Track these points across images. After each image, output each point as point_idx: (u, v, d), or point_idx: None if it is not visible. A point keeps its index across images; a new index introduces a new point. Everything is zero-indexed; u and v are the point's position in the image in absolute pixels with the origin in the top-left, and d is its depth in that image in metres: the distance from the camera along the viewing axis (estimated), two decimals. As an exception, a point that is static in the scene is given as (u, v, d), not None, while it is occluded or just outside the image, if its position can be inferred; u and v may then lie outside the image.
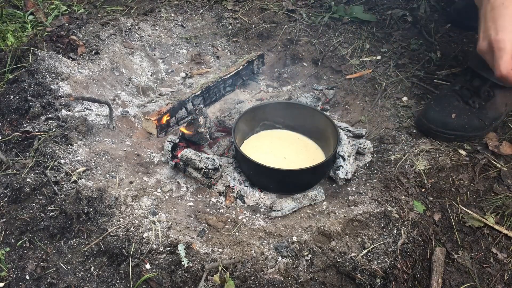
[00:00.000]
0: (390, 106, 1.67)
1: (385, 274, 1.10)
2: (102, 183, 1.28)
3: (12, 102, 1.48)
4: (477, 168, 1.39)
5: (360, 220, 1.22)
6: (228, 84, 1.80)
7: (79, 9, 2.14)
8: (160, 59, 1.99)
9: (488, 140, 1.48)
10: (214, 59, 2.06)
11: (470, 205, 1.31)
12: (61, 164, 1.29)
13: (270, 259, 1.10)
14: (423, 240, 1.21)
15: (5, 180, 1.26)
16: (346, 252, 1.12)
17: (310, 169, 1.31)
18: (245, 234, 1.21)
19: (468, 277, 1.17)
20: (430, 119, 1.48)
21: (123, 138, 1.52)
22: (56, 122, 1.43)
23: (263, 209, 1.34)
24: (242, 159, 1.37)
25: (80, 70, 1.69)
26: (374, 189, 1.34)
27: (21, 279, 1.10)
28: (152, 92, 1.83)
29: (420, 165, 1.39)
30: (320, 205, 1.33)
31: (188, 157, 1.36)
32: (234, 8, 2.22)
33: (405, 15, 2.05)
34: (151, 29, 2.06)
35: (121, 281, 1.09)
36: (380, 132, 1.57)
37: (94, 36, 1.86)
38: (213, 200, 1.36)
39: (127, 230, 1.15)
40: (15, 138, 1.38)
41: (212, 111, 1.74)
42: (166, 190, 1.35)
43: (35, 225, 1.17)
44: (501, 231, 1.24)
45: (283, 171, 1.35)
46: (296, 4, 2.23)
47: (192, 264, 1.08)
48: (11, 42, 1.83)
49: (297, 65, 1.96)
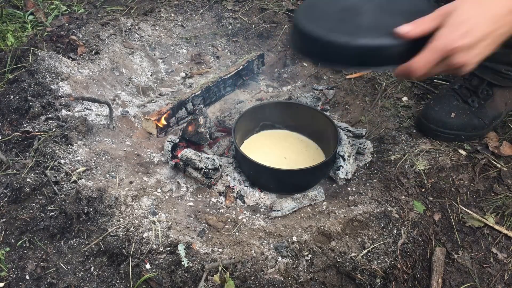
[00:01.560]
0: (390, 106, 1.67)
1: (385, 274, 1.10)
2: (102, 183, 1.28)
3: (12, 102, 1.48)
4: (477, 168, 1.39)
5: (360, 220, 1.22)
6: (228, 84, 1.80)
7: (79, 9, 2.15)
8: (160, 59, 1.99)
9: (488, 140, 1.48)
10: (214, 59, 2.06)
11: (470, 205, 1.31)
12: (61, 164, 1.29)
13: (270, 259, 1.10)
14: (423, 240, 1.21)
15: (5, 180, 1.26)
16: (346, 252, 1.12)
17: (310, 169, 1.31)
18: (245, 234, 1.21)
19: (468, 277, 1.17)
20: (430, 119, 1.48)
21: (123, 138, 1.52)
22: (56, 122, 1.43)
23: (263, 209, 1.34)
24: (242, 159, 1.37)
25: (80, 70, 1.69)
26: (374, 189, 1.34)
27: (21, 279, 1.10)
28: (152, 92, 1.83)
29: (420, 165, 1.39)
30: (320, 205, 1.33)
31: (188, 157, 1.36)
32: (234, 8, 2.22)
33: (405, 15, 2.05)
34: (151, 29, 2.06)
35: (121, 281, 1.09)
36: (380, 132, 1.57)
37: (94, 36, 1.86)
38: (213, 200, 1.36)
39: (127, 230, 1.15)
40: (15, 138, 1.38)
41: (212, 111, 1.74)
42: (166, 190, 1.35)
43: (35, 225, 1.18)
44: (501, 231, 1.24)
45: (283, 171, 1.35)
46: (296, 4, 2.23)
47: (192, 264, 1.08)
48: (11, 42, 1.83)
49: (297, 65, 1.96)
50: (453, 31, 0.85)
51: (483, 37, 0.86)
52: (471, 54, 0.86)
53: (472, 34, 0.85)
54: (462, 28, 0.84)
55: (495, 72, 1.43)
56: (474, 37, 0.85)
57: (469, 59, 0.87)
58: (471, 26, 0.85)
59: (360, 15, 0.96)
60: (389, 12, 0.94)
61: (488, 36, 0.86)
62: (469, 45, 0.85)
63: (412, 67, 0.89)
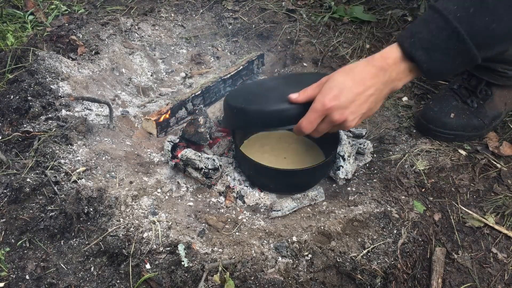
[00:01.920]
0: (390, 106, 1.67)
1: (385, 274, 1.10)
2: (102, 183, 1.28)
3: (12, 102, 1.48)
4: (477, 168, 1.40)
5: (360, 220, 1.22)
6: (228, 84, 1.80)
7: (79, 9, 2.15)
8: (160, 59, 1.99)
9: (488, 140, 1.48)
10: (214, 59, 2.06)
11: (470, 205, 1.31)
12: (61, 164, 1.29)
13: (270, 259, 1.10)
14: (423, 240, 1.21)
15: (5, 180, 1.26)
16: (346, 252, 1.12)
17: (310, 169, 1.31)
18: (245, 234, 1.21)
19: (468, 277, 1.17)
20: (429, 119, 1.48)
21: (123, 138, 1.52)
22: (56, 122, 1.43)
23: (263, 209, 1.34)
24: (242, 159, 1.37)
25: (80, 70, 1.69)
26: (374, 189, 1.34)
27: (21, 279, 1.10)
28: (152, 92, 1.83)
29: (420, 165, 1.39)
30: (320, 205, 1.33)
31: (188, 157, 1.36)
32: (234, 8, 2.22)
33: (405, 15, 2.05)
34: (151, 29, 2.06)
35: (121, 281, 1.09)
36: (380, 132, 1.57)
37: (94, 36, 1.86)
38: (213, 200, 1.36)
39: (127, 230, 1.15)
40: (15, 138, 1.38)
41: (212, 111, 1.74)
42: (166, 190, 1.35)
43: (35, 225, 1.17)
44: (501, 231, 1.24)
45: (283, 171, 1.35)
46: (296, 4, 2.23)
47: (192, 264, 1.08)
48: (11, 42, 1.83)
49: (297, 65, 1.95)
50: (326, 94, 1.02)
51: (353, 98, 1.01)
52: (347, 112, 1.02)
53: (342, 95, 1.01)
54: (334, 91, 1.01)
55: (492, 71, 1.43)
56: (344, 97, 1.01)
57: (347, 117, 1.03)
58: (341, 89, 1.01)
59: (272, 91, 1.26)
60: (293, 86, 1.16)
61: (358, 96, 1.01)
62: (340, 105, 1.01)
63: (300, 125, 1.08)
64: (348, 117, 1.03)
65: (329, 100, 1.01)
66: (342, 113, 1.02)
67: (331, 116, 1.03)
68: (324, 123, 1.07)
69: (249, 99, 1.26)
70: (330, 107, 1.02)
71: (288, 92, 1.13)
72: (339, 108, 1.02)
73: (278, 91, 1.23)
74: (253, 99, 1.26)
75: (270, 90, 1.29)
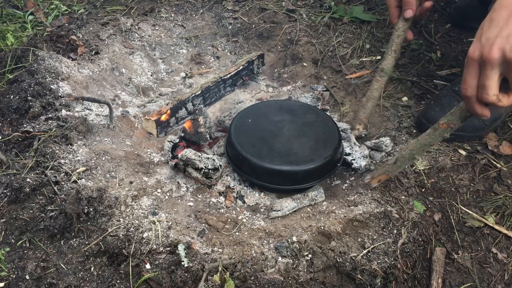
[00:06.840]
0: (390, 106, 1.67)
1: (385, 274, 1.10)
2: (102, 183, 1.28)
3: (12, 102, 1.48)
4: (477, 168, 1.40)
5: (360, 220, 1.22)
6: (228, 84, 1.80)
7: (79, 9, 2.15)
8: (160, 59, 1.99)
9: (488, 140, 1.48)
10: (214, 59, 2.06)
11: (470, 205, 1.31)
12: (61, 164, 1.29)
13: (270, 259, 1.10)
14: (423, 240, 1.21)
15: (5, 180, 1.26)
16: (346, 252, 1.12)
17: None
18: (245, 234, 1.21)
19: (468, 277, 1.17)
20: (430, 119, 1.48)
21: (123, 138, 1.52)
22: (56, 122, 1.43)
23: (263, 209, 1.34)
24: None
25: (80, 70, 1.69)
26: (374, 189, 1.34)
27: (21, 279, 1.10)
28: (152, 92, 1.83)
29: (420, 165, 1.39)
30: (320, 205, 1.33)
31: (188, 157, 1.36)
32: (234, 8, 2.22)
33: (405, 15, 2.05)
34: (151, 29, 2.06)
35: (121, 281, 1.09)
36: (380, 132, 1.57)
37: (94, 36, 1.86)
38: (213, 200, 1.36)
39: (127, 230, 1.15)
40: (15, 138, 1.38)
41: (212, 111, 1.74)
42: (166, 190, 1.35)
43: (35, 225, 1.17)
44: (501, 231, 1.24)
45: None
46: (296, 4, 2.23)
47: (192, 264, 1.08)
48: (11, 42, 1.83)
49: (297, 65, 1.96)
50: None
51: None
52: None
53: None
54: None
55: None
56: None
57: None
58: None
59: (276, 138, 1.39)
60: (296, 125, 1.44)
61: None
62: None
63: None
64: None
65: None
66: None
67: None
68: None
69: (256, 148, 1.35)
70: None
71: (293, 149, 1.35)
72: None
73: (283, 143, 1.38)
74: (258, 150, 1.35)
75: (275, 136, 1.40)
